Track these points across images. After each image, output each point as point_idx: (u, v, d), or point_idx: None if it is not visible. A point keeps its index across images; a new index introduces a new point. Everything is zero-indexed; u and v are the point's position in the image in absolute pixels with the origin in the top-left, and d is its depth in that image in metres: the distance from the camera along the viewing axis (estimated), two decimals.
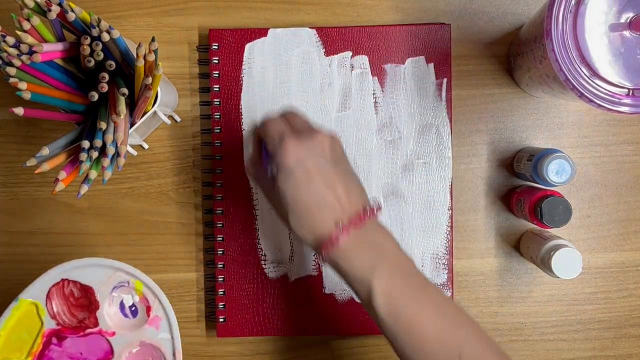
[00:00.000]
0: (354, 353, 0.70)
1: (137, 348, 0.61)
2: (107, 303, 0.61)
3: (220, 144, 0.68)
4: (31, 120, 0.69)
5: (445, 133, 0.68)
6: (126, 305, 0.62)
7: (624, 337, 0.70)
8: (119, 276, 0.61)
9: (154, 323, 0.61)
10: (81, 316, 0.62)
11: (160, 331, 0.61)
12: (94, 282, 0.61)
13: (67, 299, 0.61)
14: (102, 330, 0.61)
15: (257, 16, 0.70)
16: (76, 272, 0.60)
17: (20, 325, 0.61)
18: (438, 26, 0.68)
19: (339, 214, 0.52)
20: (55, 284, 0.61)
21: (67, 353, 0.61)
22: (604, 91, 0.52)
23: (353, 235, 0.51)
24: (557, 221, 0.62)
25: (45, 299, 0.60)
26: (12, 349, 0.60)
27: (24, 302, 0.60)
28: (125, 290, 0.62)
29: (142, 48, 0.55)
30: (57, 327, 0.61)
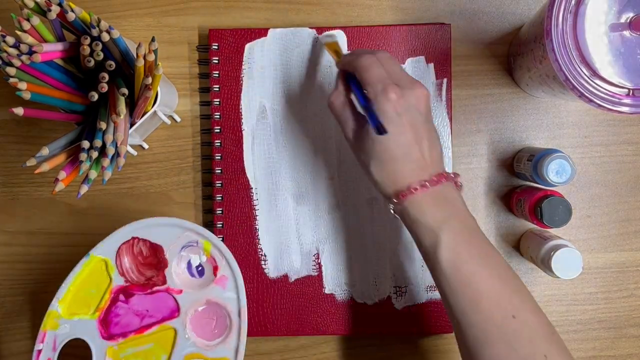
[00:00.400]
0: (354, 353, 0.70)
1: (203, 306, 0.62)
2: (175, 262, 0.62)
3: (220, 144, 0.68)
4: (31, 120, 0.69)
5: (445, 133, 0.68)
6: (193, 265, 0.63)
7: (624, 337, 0.70)
8: (188, 236, 0.61)
9: (221, 282, 0.62)
10: (149, 274, 0.62)
11: (227, 290, 0.61)
12: (163, 241, 0.61)
13: (137, 257, 0.62)
14: (170, 288, 0.62)
15: (257, 16, 0.70)
16: (146, 231, 0.61)
17: (89, 281, 0.61)
18: (438, 26, 0.68)
19: (421, 170, 0.53)
20: (125, 241, 0.61)
21: (133, 310, 0.62)
22: (604, 91, 0.52)
23: (429, 192, 0.53)
24: (557, 221, 0.62)
25: (115, 255, 0.61)
26: (81, 304, 0.61)
27: (95, 259, 0.61)
28: (194, 250, 0.62)
29: (142, 48, 0.55)
30: (125, 284, 0.62)
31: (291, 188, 0.69)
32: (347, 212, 0.69)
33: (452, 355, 0.70)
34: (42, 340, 0.60)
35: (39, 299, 0.70)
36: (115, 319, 0.62)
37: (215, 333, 0.62)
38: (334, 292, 0.69)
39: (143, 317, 0.62)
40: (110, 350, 0.61)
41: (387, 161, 0.53)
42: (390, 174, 0.54)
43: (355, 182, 0.68)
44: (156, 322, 0.62)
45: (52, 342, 0.61)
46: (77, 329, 0.61)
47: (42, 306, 0.70)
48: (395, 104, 0.52)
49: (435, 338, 0.70)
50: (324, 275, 0.69)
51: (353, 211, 0.68)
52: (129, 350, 0.61)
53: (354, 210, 0.68)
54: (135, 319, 0.62)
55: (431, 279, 0.68)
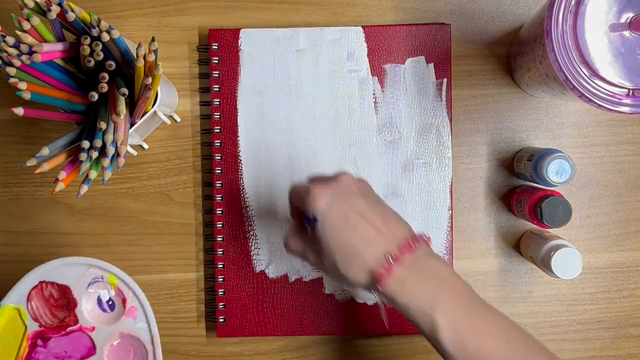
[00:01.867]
0: (354, 353, 0.70)
1: (117, 340, 0.63)
2: (84, 300, 0.63)
3: (220, 144, 0.68)
4: (31, 120, 0.69)
5: (445, 133, 0.68)
6: (103, 300, 0.64)
7: (624, 337, 0.70)
8: (92, 272, 0.62)
9: (131, 314, 0.63)
10: (62, 315, 0.63)
11: (138, 321, 0.63)
12: (70, 280, 0.62)
13: (47, 301, 0.63)
14: (83, 327, 0.63)
15: (257, 16, 0.70)
16: (52, 273, 0.62)
17: (6, 331, 0.62)
18: (438, 26, 0.68)
19: (385, 244, 0.51)
20: (34, 287, 0.62)
21: (52, 353, 0.63)
22: (604, 91, 0.52)
23: (407, 265, 0.50)
24: (557, 221, 0.62)
25: (27, 302, 0.62)
26: (1, 354, 0.62)
27: (7, 308, 0.62)
28: (101, 285, 0.63)
29: (142, 48, 0.55)
30: (40, 328, 0.63)
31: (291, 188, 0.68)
32: None
33: None
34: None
35: None
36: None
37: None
38: (334, 292, 0.69)
39: (63, 358, 0.63)
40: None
41: (348, 250, 0.51)
42: (359, 263, 0.51)
43: None
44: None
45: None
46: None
47: None
48: (321, 197, 0.51)
49: None
50: (324, 276, 0.69)
51: None
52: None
53: None
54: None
55: None
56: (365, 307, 0.69)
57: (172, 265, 0.70)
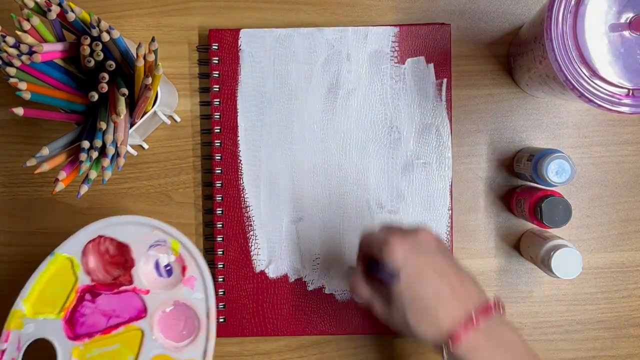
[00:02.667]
0: (354, 353, 0.70)
1: (170, 307, 0.61)
2: (142, 261, 0.60)
3: (220, 144, 0.68)
4: (31, 120, 0.69)
5: (445, 133, 0.68)
6: (161, 265, 0.62)
7: (624, 337, 0.70)
8: (156, 235, 0.60)
9: (189, 283, 0.60)
10: (116, 273, 0.61)
11: (195, 291, 0.60)
12: (130, 239, 0.60)
13: (103, 256, 0.61)
14: (137, 288, 0.60)
15: (257, 16, 0.70)
16: (113, 229, 0.60)
17: (54, 280, 0.60)
18: (438, 26, 0.68)
19: (460, 306, 0.50)
20: (91, 240, 0.60)
21: (100, 309, 0.61)
22: (604, 91, 0.52)
23: (482, 329, 0.50)
24: (557, 221, 0.62)
25: (81, 254, 0.60)
26: (46, 303, 0.60)
27: (60, 257, 0.60)
28: (162, 249, 0.61)
29: (142, 48, 0.55)
30: (91, 283, 0.60)
31: (291, 188, 0.69)
32: (347, 212, 0.69)
33: None
34: (6, 339, 0.59)
35: None
36: (81, 319, 0.60)
37: (183, 334, 0.61)
38: (334, 292, 0.69)
39: (110, 317, 0.61)
40: (76, 350, 0.60)
41: (421, 310, 0.50)
42: (431, 320, 0.50)
43: (356, 183, 0.68)
44: (123, 322, 0.60)
45: (16, 342, 0.59)
46: (42, 329, 0.60)
47: None
48: (402, 251, 0.51)
49: None
50: (324, 276, 0.69)
51: (353, 212, 0.68)
52: (96, 350, 0.60)
53: (354, 211, 0.68)
54: (102, 319, 0.61)
55: None
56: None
57: None
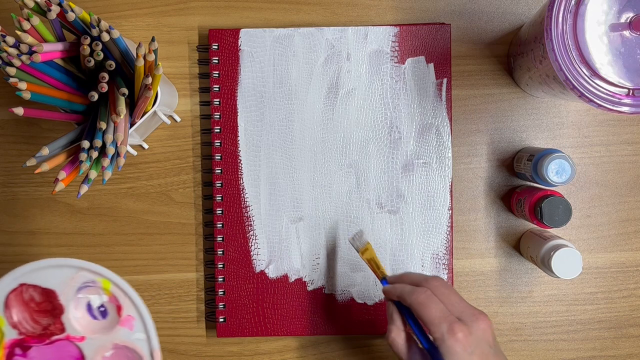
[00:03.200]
0: (354, 353, 0.70)
1: (110, 351, 0.57)
2: (72, 306, 0.56)
3: (220, 144, 0.69)
4: (31, 120, 0.69)
5: (445, 133, 0.68)
6: (94, 307, 0.58)
7: (624, 337, 0.70)
8: (83, 276, 0.56)
9: (127, 323, 0.56)
10: (45, 322, 0.57)
11: (135, 331, 0.56)
12: (55, 284, 0.56)
13: (28, 305, 0.57)
14: (70, 336, 0.56)
15: (257, 16, 0.70)
16: (35, 275, 0.56)
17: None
18: (438, 26, 0.68)
19: None
20: (12, 290, 0.56)
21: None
22: (604, 91, 0.52)
23: None
24: (557, 221, 0.62)
25: (4, 307, 0.56)
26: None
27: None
28: (92, 290, 0.57)
29: (142, 48, 0.55)
30: (19, 336, 0.56)
31: (291, 188, 0.69)
32: (347, 212, 0.69)
33: None
34: None
35: None
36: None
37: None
38: (334, 292, 0.69)
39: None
40: None
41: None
42: None
43: (356, 183, 0.68)
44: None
45: None
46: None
47: None
48: (464, 344, 0.51)
49: None
50: (324, 276, 0.69)
51: (353, 212, 0.68)
52: None
53: (354, 211, 0.68)
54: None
55: None
56: (365, 307, 0.69)
57: (172, 265, 0.70)
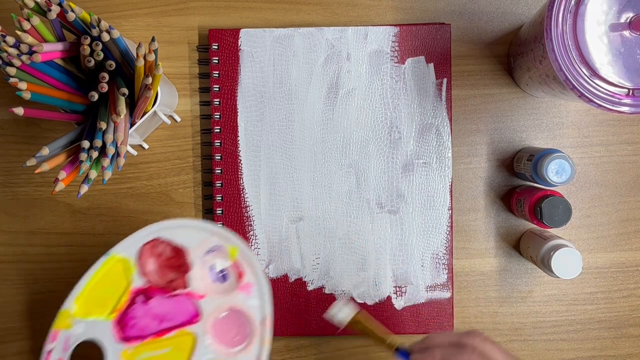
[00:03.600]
0: (354, 353, 0.70)
1: (225, 313, 0.60)
2: (198, 266, 0.60)
3: (220, 144, 0.69)
4: (31, 120, 0.69)
5: (445, 133, 0.68)
6: (216, 269, 0.61)
7: (624, 337, 0.70)
8: (213, 240, 0.59)
9: (245, 289, 0.59)
10: (171, 276, 0.60)
11: (251, 297, 0.59)
12: (187, 243, 0.59)
13: (159, 259, 0.60)
14: (191, 293, 0.59)
15: (257, 16, 0.70)
16: (170, 232, 0.59)
17: (107, 280, 0.59)
18: (438, 26, 0.68)
19: None
20: (148, 242, 0.59)
21: (152, 312, 0.60)
22: (604, 91, 0.52)
23: None
24: (557, 221, 0.62)
25: (137, 256, 0.59)
26: (96, 304, 0.59)
27: (114, 258, 0.59)
28: (219, 254, 0.60)
29: (142, 48, 0.55)
30: (145, 285, 0.59)
31: (291, 188, 0.69)
32: (347, 212, 0.69)
33: None
34: (53, 339, 0.59)
35: (38, 299, 0.70)
36: (132, 321, 0.59)
37: (235, 340, 0.60)
38: (334, 292, 0.69)
39: (161, 320, 0.60)
40: (125, 353, 0.59)
41: None
42: None
43: (356, 183, 0.68)
44: (175, 326, 0.59)
45: (63, 342, 0.59)
46: (91, 330, 0.59)
47: (41, 306, 0.70)
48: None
49: None
50: (324, 276, 0.69)
51: (353, 212, 0.68)
52: (145, 354, 0.59)
53: (354, 210, 0.68)
54: (153, 322, 0.60)
55: (431, 279, 0.68)
56: (365, 307, 0.69)
57: None
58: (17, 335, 0.71)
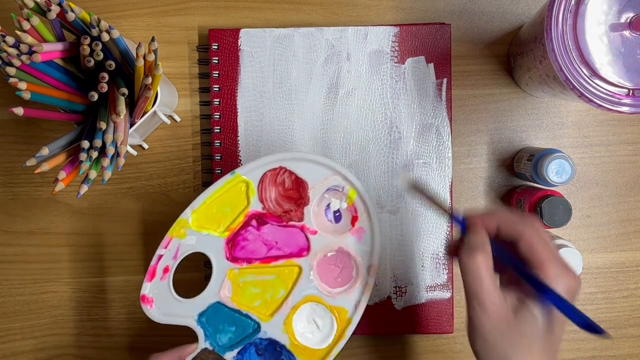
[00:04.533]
0: (354, 353, 0.70)
1: (332, 253, 0.60)
2: (316, 201, 0.60)
3: (220, 144, 0.68)
4: (31, 120, 0.69)
5: (445, 133, 0.68)
6: (331, 209, 0.61)
7: (624, 337, 0.70)
8: (335, 179, 0.59)
9: (357, 234, 0.60)
10: (287, 207, 0.60)
11: (362, 243, 0.60)
12: (310, 178, 0.60)
13: (279, 187, 0.60)
14: (305, 226, 0.60)
15: (257, 16, 0.70)
16: (295, 164, 0.59)
17: (226, 199, 0.60)
18: (438, 26, 0.68)
19: None
20: (272, 169, 0.60)
21: (262, 238, 0.60)
22: (604, 91, 0.52)
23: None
24: (557, 221, 0.62)
25: (259, 180, 0.60)
26: (212, 219, 0.60)
27: (238, 178, 0.59)
28: (337, 194, 0.60)
29: (142, 48, 0.55)
30: (262, 210, 0.60)
31: None
32: None
33: (452, 355, 0.70)
34: (166, 245, 0.59)
35: (38, 299, 0.70)
36: (242, 243, 0.60)
37: (337, 282, 0.60)
38: None
39: (271, 247, 0.60)
40: (232, 272, 0.60)
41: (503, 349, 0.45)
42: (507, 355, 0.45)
43: None
44: (283, 255, 0.60)
45: (175, 250, 0.59)
46: (202, 244, 0.60)
47: (41, 306, 0.70)
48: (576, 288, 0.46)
49: (435, 338, 0.70)
50: None
51: None
52: (250, 277, 0.60)
53: None
54: (263, 247, 0.60)
55: (431, 279, 0.68)
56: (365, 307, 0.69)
57: None
58: (16, 336, 0.71)
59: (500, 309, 0.47)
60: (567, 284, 0.46)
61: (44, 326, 0.70)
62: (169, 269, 0.59)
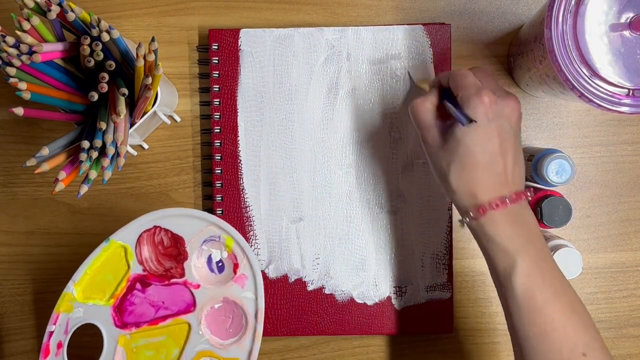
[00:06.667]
0: (354, 353, 0.70)
1: (219, 304, 0.61)
2: (195, 255, 0.60)
3: (220, 144, 0.69)
4: (31, 120, 0.70)
5: None
6: (213, 260, 0.61)
7: (624, 337, 0.70)
8: (210, 230, 0.60)
9: (240, 281, 0.60)
10: (168, 265, 0.61)
11: (245, 290, 0.60)
12: (185, 232, 0.60)
13: (157, 246, 0.61)
14: (188, 282, 0.60)
15: (257, 16, 0.70)
16: (169, 220, 0.60)
17: (106, 267, 0.60)
18: (438, 26, 0.68)
19: (502, 184, 0.52)
20: (147, 229, 0.60)
21: (149, 300, 0.61)
22: (604, 91, 0.52)
23: (509, 210, 0.52)
24: (557, 221, 0.62)
25: (135, 243, 0.60)
26: (96, 289, 0.60)
27: (114, 244, 0.60)
28: (215, 244, 0.61)
29: (142, 48, 0.55)
30: (143, 273, 0.60)
31: (291, 188, 0.69)
32: (347, 212, 0.69)
33: (452, 355, 0.70)
34: (54, 322, 0.59)
35: (38, 299, 0.70)
36: (130, 308, 0.61)
37: (229, 332, 0.61)
38: (333, 292, 0.69)
39: (158, 308, 0.61)
40: (123, 338, 0.60)
41: (469, 167, 0.52)
42: (469, 183, 0.52)
43: (356, 183, 0.68)
44: (171, 314, 0.60)
45: (64, 325, 0.60)
46: (90, 314, 0.60)
47: (42, 306, 0.70)
48: (487, 108, 0.51)
49: (435, 338, 0.70)
50: (324, 276, 0.69)
51: (353, 212, 0.68)
52: (142, 340, 0.60)
53: (354, 211, 0.68)
54: (151, 309, 0.61)
55: (431, 279, 0.68)
56: (365, 307, 0.69)
57: None
58: (17, 336, 0.71)
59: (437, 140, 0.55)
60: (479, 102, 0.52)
61: (44, 326, 0.70)
62: (62, 344, 0.60)
